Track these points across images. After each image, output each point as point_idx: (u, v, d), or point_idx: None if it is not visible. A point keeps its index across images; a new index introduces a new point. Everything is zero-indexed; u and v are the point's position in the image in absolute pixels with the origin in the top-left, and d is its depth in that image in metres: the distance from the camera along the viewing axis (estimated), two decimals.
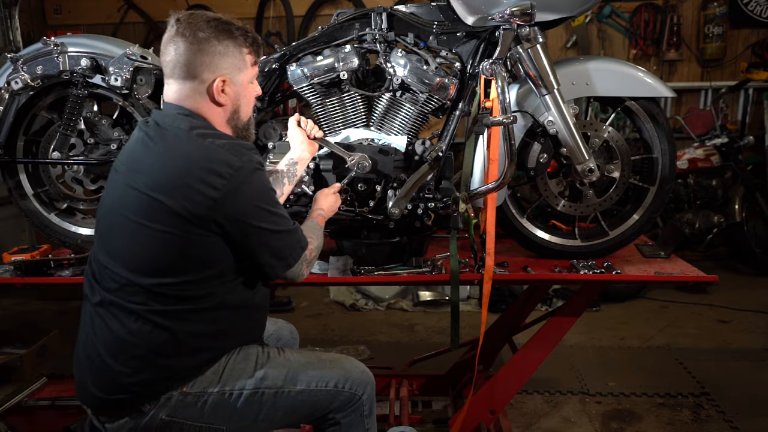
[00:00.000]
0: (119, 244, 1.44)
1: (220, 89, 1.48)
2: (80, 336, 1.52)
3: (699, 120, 4.68)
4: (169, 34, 1.47)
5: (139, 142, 1.48)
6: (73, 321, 1.57)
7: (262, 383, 1.52)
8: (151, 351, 1.42)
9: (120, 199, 1.45)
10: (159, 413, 1.45)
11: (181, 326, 1.44)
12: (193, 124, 1.45)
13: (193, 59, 1.45)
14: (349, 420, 1.61)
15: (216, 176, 1.37)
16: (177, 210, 1.37)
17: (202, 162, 1.38)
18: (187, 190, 1.37)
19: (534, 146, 2.08)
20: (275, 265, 1.52)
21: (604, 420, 2.71)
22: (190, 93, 1.47)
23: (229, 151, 1.41)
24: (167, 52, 1.47)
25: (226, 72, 1.48)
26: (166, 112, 1.49)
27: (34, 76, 2.08)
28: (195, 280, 1.43)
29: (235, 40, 1.49)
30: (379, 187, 2.08)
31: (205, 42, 1.45)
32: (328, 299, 4.31)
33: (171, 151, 1.42)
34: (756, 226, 4.49)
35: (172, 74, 1.48)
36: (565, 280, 2.11)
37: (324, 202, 1.87)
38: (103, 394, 1.44)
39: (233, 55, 1.49)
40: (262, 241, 1.47)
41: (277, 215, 1.49)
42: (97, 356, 1.44)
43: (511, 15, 1.86)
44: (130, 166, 1.46)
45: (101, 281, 1.47)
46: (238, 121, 1.56)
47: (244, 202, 1.42)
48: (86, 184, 2.22)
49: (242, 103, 1.55)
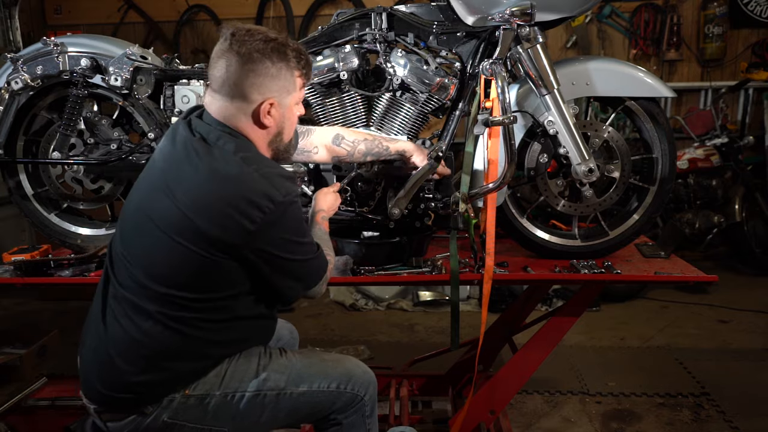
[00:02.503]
0: (140, 246, 1.43)
1: (267, 111, 1.44)
2: (88, 326, 1.51)
3: (699, 120, 4.68)
4: (222, 48, 1.42)
5: (183, 150, 1.43)
6: (73, 321, 1.57)
7: (264, 385, 1.52)
8: (159, 353, 1.42)
9: (152, 201, 1.42)
10: (161, 415, 1.45)
11: (192, 332, 1.43)
12: (239, 147, 1.41)
13: (244, 79, 1.41)
14: (350, 420, 1.61)
15: (255, 209, 1.35)
16: (209, 234, 1.35)
17: (243, 193, 1.35)
18: (224, 219, 1.35)
19: (534, 146, 2.09)
20: (296, 288, 1.54)
21: (604, 420, 2.71)
22: (235, 112, 1.44)
23: (271, 183, 1.38)
24: (217, 66, 1.42)
25: (275, 95, 1.44)
26: (210, 127, 1.44)
27: (34, 76, 2.08)
28: (211, 298, 1.43)
29: (288, 63, 1.44)
30: (379, 187, 2.08)
31: (259, 63, 1.40)
32: (328, 299, 4.31)
33: (215, 172, 1.37)
34: (756, 226, 4.49)
35: (219, 90, 1.43)
36: (565, 280, 2.11)
37: (324, 202, 1.87)
38: (108, 391, 1.44)
39: (284, 78, 1.45)
40: (287, 271, 1.48)
41: (306, 245, 1.50)
42: (105, 352, 1.44)
43: (511, 15, 1.86)
44: (171, 172, 1.42)
45: (117, 274, 1.46)
46: (280, 144, 1.54)
47: (276, 237, 1.41)
48: (86, 184, 2.22)
49: (286, 126, 1.52)
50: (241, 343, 1.54)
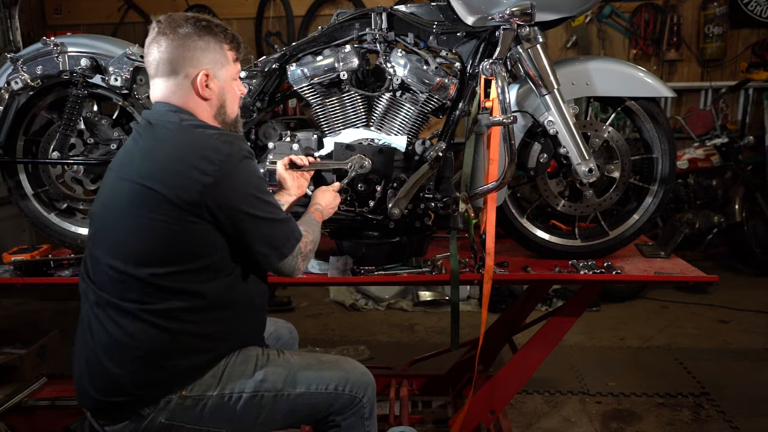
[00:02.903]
0: (113, 236, 1.44)
1: (204, 84, 1.50)
2: (77, 338, 1.51)
3: (699, 120, 4.68)
4: (151, 36, 1.50)
5: (131, 141, 1.52)
6: (73, 321, 1.57)
7: (261, 386, 1.52)
8: (148, 352, 1.42)
9: (113, 193, 1.47)
10: (158, 417, 1.44)
11: (177, 326, 1.43)
12: (183, 117, 1.48)
13: (176, 55, 1.48)
14: (349, 422, 1.60)
15: (207, 162, 1.39)
16: (169, 197, 1.38)
17: (193, 148, 1.42)
18: (179, 177, 1.38)
19: (534, 146, 2.09)
20: (269, 254, 1.51)
21: (604, 420, 2.71)
22: (175, 89, 1.50)
23: (219, 140, 1.45)
24: (150, 52, 1.50)
25: (208, 66, 1.50)
26: (155, 110, 1.52)
27: (34, 76, 2.08)
28: (188, 270, 1.43)
29: (216, 36, 1.51)
30: (379, 187, 2.08)
31: (186, 38, 1.48)
32: (328, 299, 4.31)
33: (161, 141, 1.45)
34: (756, 226, 4.49)
35: (156, 72, 1.50)
36: (565, 280, 2.11)
37: (322, 198, 1.86)
38: (102, 396, 1.43)
39: (214, 51, 1.51)
40: (254, 229, 1.47)
41: (269, 203, 1.50)
42: (95, 359, 1.44)
43: (511, 15, 1.86)
44: (123, 162, 1.49)
45: (96, 280, 1.47)
46: (226, 116, 1.57)
47: (235, 188, 1.42)
48: (86, 184, 2.22)
49: (227, 98, 1.56)
50: (229, 337, 1.52)
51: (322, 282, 2.05)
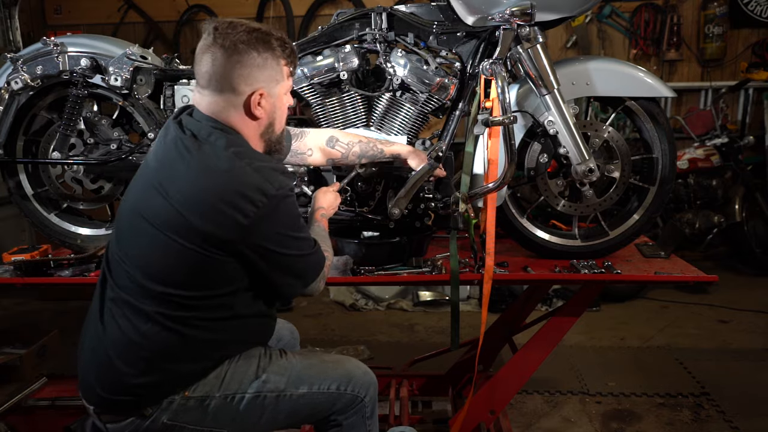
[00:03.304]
0: (136, 246, 1.43)
1: (257, 102, 1.43)
2: (87, 327, 1.50)
3: (699, 120, 4.68)
4: (206, 43, 1.42)
5: (174, 148, 1.43)
6: (73, 321, 1.57)
7: (264, 387, 1.52)
8: (157, 354, 1.42)
9: (147, 201, 1.42)
10: (161, 417, 1.44)
11: (191, 332, 1.43)
12: (230, 142, 1.40)
13: (231, 71, 1.40)
14: (351, 422, 1.61)
15: (248, 203, 1.35)
16: (203, 230, 1.35)
17: (236, 187, 1.35)
18: (217, 214, 1.34)
19: (534, 146, 2.09)
20: (294, 285, 1.53)
21: (604, 420, 2.71)
22: (225, 105, 1.43)
23: (264, 177, 1.38)
24: (203, 61, 1.42)
25: (263, 85, 1.44)
26: (201, 123, 1.44)
27: (34, 76, 2.08)
28: (208, 296, 1.43)
29: (274, 52, 1.44)
30: (379, 187, 2.08)
31: (245, 54, 1.40)
32: (328, 299, 4.31)
33: (206, 169, 1.37)
34: (756, 226, 4.49)
35: (207, 85, 1.43)
36: (565, 280, 2.11)
37: (324, 200, 1.86)
38: (107, 393, 1.43)
39: (271, 68, 1.44)
40: (283, 265, 1.47)
41: (302, 240, 1.49)
42: (104, 353, 1.43)
43: (511, 15, 1.86)
44: (163, 171, 1.42)
45: (115, 276, 1.46)
46: (272, 135, 1.53)
47: (271, 231, 1.40)
48: (86, 184, 2.22)
49: (277, 115, 1.51)
50: (240, 343, 1.54)
51: None
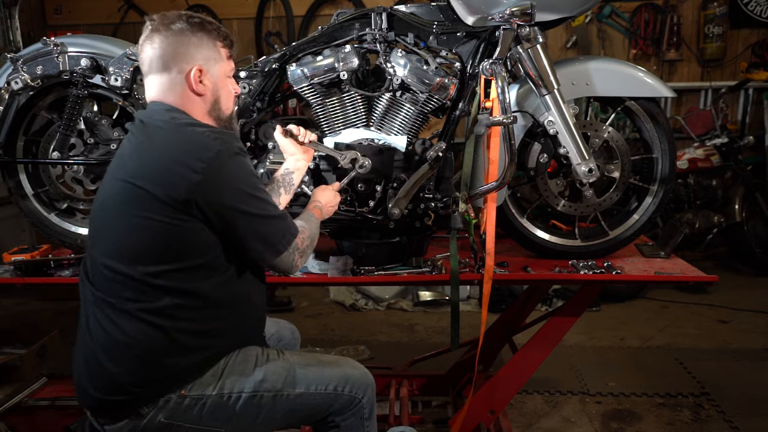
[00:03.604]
0: (109, 236, 1.45)
1: (198, 79, 1.50)
2: (77, 338, 1.52)
3: (699, 120, 4.68)
4: (144, 34, 1.51)
5: (126, 141, 1.53)
6: (73, 321, 1.57)
7: (261, 386, 1.52)
8: (146, 351, 1.42)
9: (108, 193, 1.47)
10: (157, 416, 1.45)
11: (174, 324, 1.43)
12: (174, 116, 1.48)
13: (169, 50, 1.49)
14: (348, 423, 1.60)
15: (196, 160, 1.39)
16: (159, 195, 1.38)
17: (182, 146, 1.42)
18: (168, 175, 1.39)
19: (534, 146, 2.09)
20: (263, 251, 1.50)
21: (604, 420, 2.71)
22: (169, 85, 1.50)
23: (209, 137, 1.44)
24: (143, 50, 1.51)
25: (201, 62, 1.51)
26: (149, 109, 1.53)
27: (34, 76, 2.08)
28: (183, 268, 1.43)
29: (209, 33, 1.53)
30: (379, 187, 2.08)
31: (180, 34, 1.49)
32: (328, 299, 4.31)
33: (153, 141, 1.46)
34: (756, 226, 4.49)
35: (150, 70, 1.51)
36: (565, 280, 2.11)
37: (321, 196, 1.86)
38: (102, 395, 1.44)
39: (208, 47, 1.52)
40: (245, 226, 1.46)
41: (261, 200, 1.49)
42: (94, 358, 1.44)
43: (511, 15, 1.86)
44: (117, 162, 1.50)
45: (94, 280, 1.47)
46: (220, 113, 1.57)
47: (224, 185, 1.42)
48: (86, 184, 2.22)
49: (222, 94, 1.57)
50: (228, 336, 1.52)
51: (322, 282, 2.05)
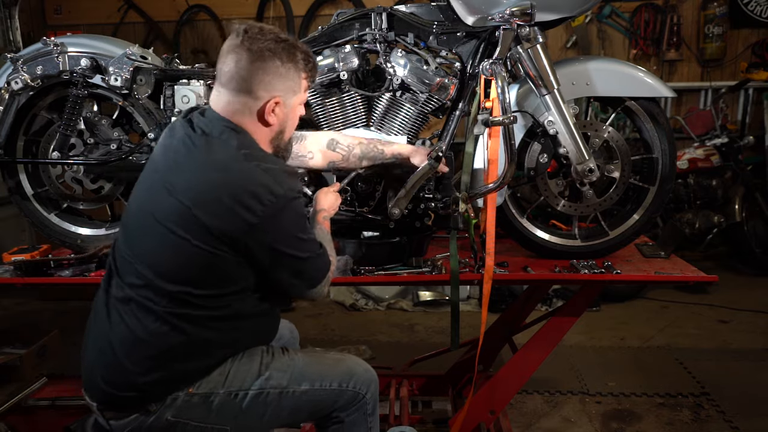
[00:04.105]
0: (146, 244, 1.44)
1: (272, 110, 1.47)
2: (92, 326, 1.51)
3: (699, 120, 4.68)
4: (233, 43, 1.44)
5: (183, 146, 1.45)
6: (74, 321, 1.57)
7: (267, 383, 1.53)
8: (164, 352, 1.43)
9: (155, 199, 1.44)
10: (165, 413, 1.45)
11: (199, 331, 1.44)
12: (241, 142, 1.43)
13: (253, 76, 1.43)
14: (352, 418, 1.62)
15: (257, 202, 1.37)
16: (211, 228, 1.37)
17: (245, 185, 1.37)
18: (225, 211, 1.36)
19: (534, 146, 2.09)
20: (299, 286, 1.54)
21: (604, 420, 2.71)
22: (240, 108, 1.46)
23: (273, 178, 1.40)
24: (227, 61, 1.44)
25: (281, 93, 1.47)
26: (212, 122, 1.46)
27: (34, 76, 2.07)
28: (216, 294, 1.44)
29: (297, 64, 1.48)
30: (379, 187, 2.08)
31: (269, 61, 1.43)
32: (328, 299, 4.31)
33: (216, 165, 1.40)
34: (756, 226, 4.49)
35: (226, 84, 1.45)
36: (565, 280, 2.11)
37: (325, 201, 1.87)
38: (112, 389, 1.44)
39: (292, 78, 1.48)
40: (288, 267, 1.49)
41: (308, 242, 1.51)
42: (110, 351, 1.44)
43: (511, 15, 1.86)
44: (171, 167, 1.44)
45: (123, 275, 1.47)
46: (281, 142, 1.56)
47: (279, 230, 1.42)
48: (86, 184, 2.21)
49: (288, 125, 1.55)
50: (246, 342, 1.55)
51: None
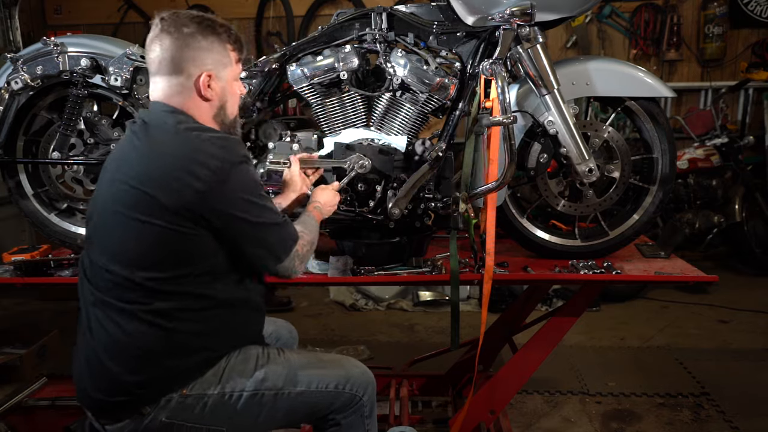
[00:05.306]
0: (111, 238, 1.44)
1: (207, 84, 1.49)
2: (78, 337, 1.52)
3: (699, 120, 4.68)
4: (154, 33, 1.49)
5: (127, 141, 1.50)
6: (73, 321, 1.57)
7: (262, 384, 1.52)
8: (148, 351, 1.42)
9: (110, 194, 1.46)
10: (159, 415, 1.45)
11: (175, 325, 1.43)
12: (179, 120, 1.47)
13: (179, 54, 1.46)
14: (349, 421, 1.61)
15: (202, 167, 1.38)
16: (165, 202, 1.38)
17: (189, 154, 1.41)
18: (175, 183, 1.38)
19: (534, 146, 2.09)
20: (264, 257, 1.52)
21: (604, 420, 2.71)
22: (176, 89, 1.49)
23: (215, 144, 1.43)
24: (152, 49, 1.49)
25: (211, 67, 1.49)
26: (152, 110, 1.51)
27: (34, 76, 2.08)
28: (186, 274, 1.43)
29: (219, 36, 1.51)
30: (379, 187, 2.08)
31: (190, 37, 1.47)
32: (328, 299, 4.31)
33: (158, 145, 1.44)
34: (756, 226, 4.49)
35: (158, 71, 1.49)
36: (565, 280, 2.11)
37: (321, 197, 1.85)
38: (103, 395, 1.44)
39: (218, 51, 1.50)
40: (248, 233, 1.47)
41: (265, 208, 1.50)
42: (96, 359, 1.44)
43: (511, 15, 1.86)
44: (119, 163, 1.48)
45: (93, 281, 1.47)
46: (225, 118, 1.57)
47: (229, 194, 1.42)
48: (86, 184, 2.22)
49: (228, 99, 1.56)
50: (228, 336, 1.53)
51: (322, 282, 2.05)
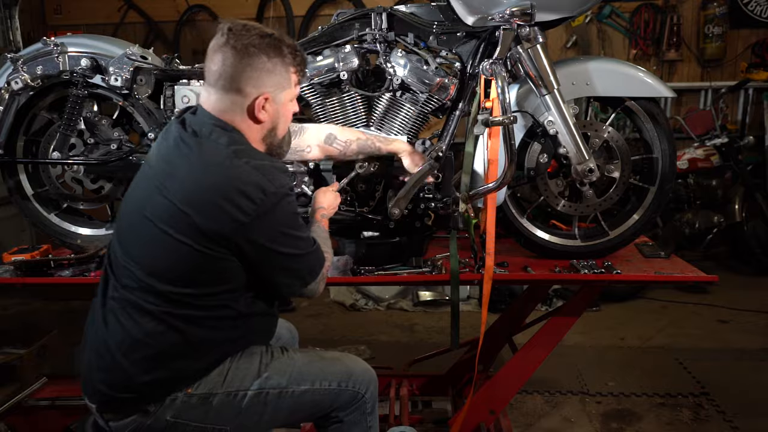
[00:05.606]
0: (139, 245, 1.44)
1: (261, 106, 1.46)
2: (89, 329, 1.51)
3: (699, 120, 4.68)
4: (218, 42, 1.44)
5: (175, 146, 1.45)
6: (73, 321, 1.57)
7: (266, 383, 1.53)
8: (162, 352, 1.43)
9: (147, 201, 1.44)
10: (164, 414, 1.45)
11: (195, 331, 1.44)
12: (231, 140, 1.43)
13: (240, 73, 1.42)
14: (351, 418, 1.62)
15: (247, 200, 1.37)
16: (201, 226, 1.37)
17: (235, 183, 1.37)
18: (216, 211, 1.36)
19: (534, 146, 2.09)
20: (292, 284, 1.54)
21: (604, 420, 2.71)
22: (230, 106, 1.45)
23: (263, 175, 1.40)
24: (214, 60, 1.44)
25: (270, 90, 1.46)
26: (203, 120, 1.46)
27: (34, 76, 2.08)
28: (210, 293, 1.44)
29: (284, 59, 1.46)
30: (380, 187, 2.08)
31: (255, 57, 1.42)
32: (328, 299, 4.31)
33: (206, 165, 1.40)
34: (756, 226, 4.49)
35: (215, 84, 1.45)
36: (565, 280, 2.11)
37: (324, 200, 1.86)
38: (111, 391, 1.44)
39: (279, 73, 1.47)
40: (282, 265, 1.48)
41: (301, 239, 1.50)
42: (108, 352, 1.44)
43: (511, 15, 1.86)
44: (164, 168, 1.45)
45: (118, 276, 1.47)
46: (274, 139, 1.54)
47: (269, 227, 1.42)
48: (86, 184, 2.22)
49: (280, 122, 1.53)
50: (243, 342, 1.55)
51: None
